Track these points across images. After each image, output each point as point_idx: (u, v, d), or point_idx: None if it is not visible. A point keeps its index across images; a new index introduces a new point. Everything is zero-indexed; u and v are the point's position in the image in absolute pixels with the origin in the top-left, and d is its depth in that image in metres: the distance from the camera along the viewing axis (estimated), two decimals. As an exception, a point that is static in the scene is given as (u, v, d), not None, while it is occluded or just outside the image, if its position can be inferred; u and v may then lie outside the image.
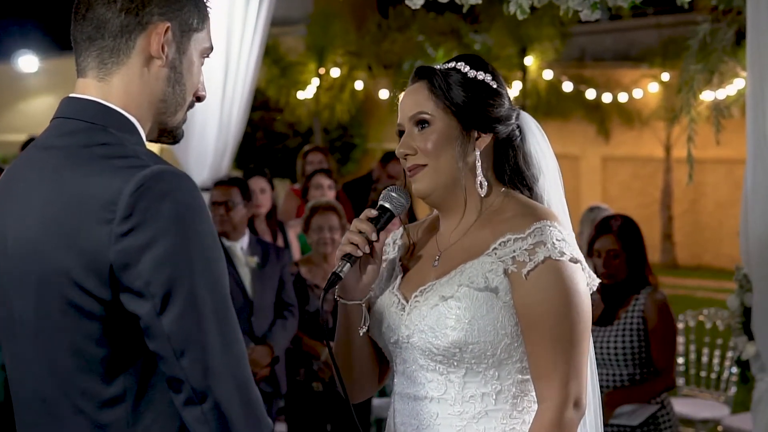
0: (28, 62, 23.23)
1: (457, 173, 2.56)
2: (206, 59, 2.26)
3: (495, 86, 2.60)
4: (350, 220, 7.95)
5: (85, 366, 2.00)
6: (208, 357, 1.94)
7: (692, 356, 7.37)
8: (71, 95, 2.15)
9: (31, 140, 9.25)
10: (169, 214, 1.92)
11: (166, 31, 2.12)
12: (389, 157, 9.85)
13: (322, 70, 20.32)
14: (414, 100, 2.59)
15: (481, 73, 2.59)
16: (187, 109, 2.23)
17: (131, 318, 1.96)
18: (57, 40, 24.51)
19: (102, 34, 2.10)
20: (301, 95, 20.31)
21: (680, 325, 7.40)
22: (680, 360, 7.39)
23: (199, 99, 2.24)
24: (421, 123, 2.57)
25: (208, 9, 2.21)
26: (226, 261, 2.05)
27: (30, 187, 2.07)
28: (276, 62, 20.04)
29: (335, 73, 20.32)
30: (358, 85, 20.45)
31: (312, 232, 6.19)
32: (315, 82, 20.30)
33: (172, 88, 2.16)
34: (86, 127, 2.07)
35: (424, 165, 2.56)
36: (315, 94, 20.32)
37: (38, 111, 23.42)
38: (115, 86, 2.12)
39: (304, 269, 6.23)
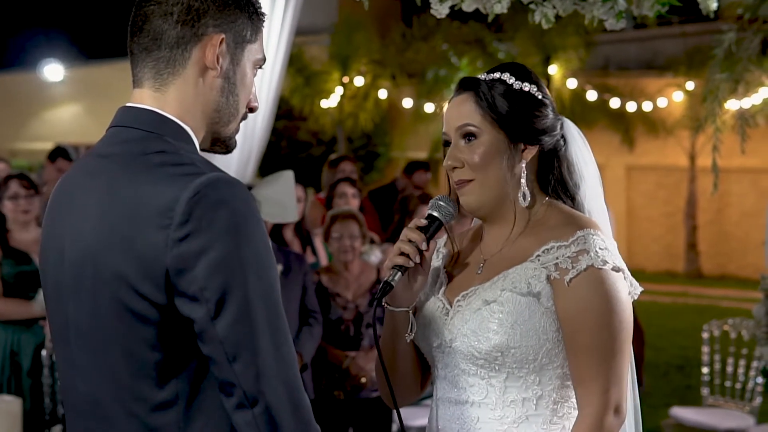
0: (53, 71, 23.35)
1: (506, 186, 2.58)
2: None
3: (540, 97, 2.61)
4: (374, 228, 7.99)
5: (138, 370, 2.04)
6: (260, 362, 1.97)
7: (717, 366, 7.34)
8: (127, 104, 2.19)
9: (57, 149, 9.33)
10: (224, 221, 1.97)
11: (221, 42, 2.15)
12: (414, 166, 9.88)
13: (346, 79, 20.35)
14: (460, 111, 2.60)
15: (527, 84, 2.60)
16: (241, 120, 2.26)
17: (185, 322, 2.00)
18: (83, 49, 24.69)
19: (158, 45, 2.14)
20: (324, 104, 20.34)
21: (705, 335, 7.38)
22: (705, 370, 7.37)
23: (252, 110, 2.28)
24: (468, 135, 2.58)
25: (261, 22, 2.24)
26: None
27: (87, 194, 2.11)
28: (300, 71, 20.08)
29: (359, 82, 20.34)
30: (382, 94, 20.46)
31: (332, 240, 6.21)
32: (339, 91, 20.34)
33: (225, 99, 2.20)
34: (142, 136, 2.11)
35: (471, 180, 2.58)
36: (339, 103, 20.35)
37: (64, 120, 23.56)
38: (170, 96, 2.16)
39: (325, 278, 6.23)
